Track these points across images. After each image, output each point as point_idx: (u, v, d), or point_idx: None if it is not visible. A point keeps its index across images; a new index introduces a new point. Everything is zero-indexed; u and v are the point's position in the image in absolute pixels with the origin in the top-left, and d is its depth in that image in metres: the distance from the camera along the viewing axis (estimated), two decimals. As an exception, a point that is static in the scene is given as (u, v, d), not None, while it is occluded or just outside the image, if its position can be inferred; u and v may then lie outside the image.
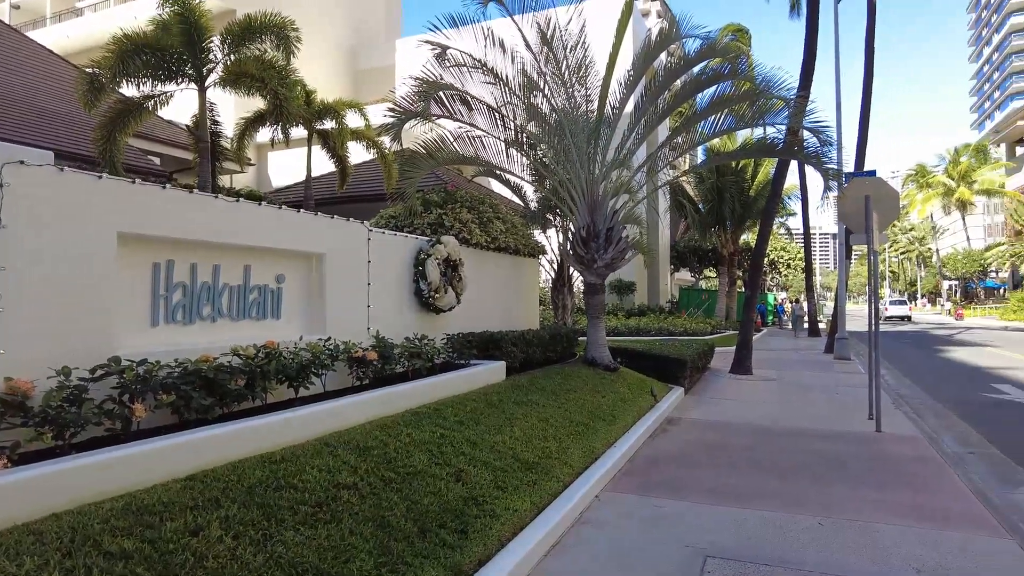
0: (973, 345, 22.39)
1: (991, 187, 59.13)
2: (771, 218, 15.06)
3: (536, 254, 11.59)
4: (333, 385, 5.37)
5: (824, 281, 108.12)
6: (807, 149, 10.56)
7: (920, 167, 66.51)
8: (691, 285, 41.75)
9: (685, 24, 10.44)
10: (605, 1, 20.99)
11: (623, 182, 10.87)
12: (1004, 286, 60.34)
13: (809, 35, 14.59)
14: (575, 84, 9.96)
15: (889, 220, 9.26)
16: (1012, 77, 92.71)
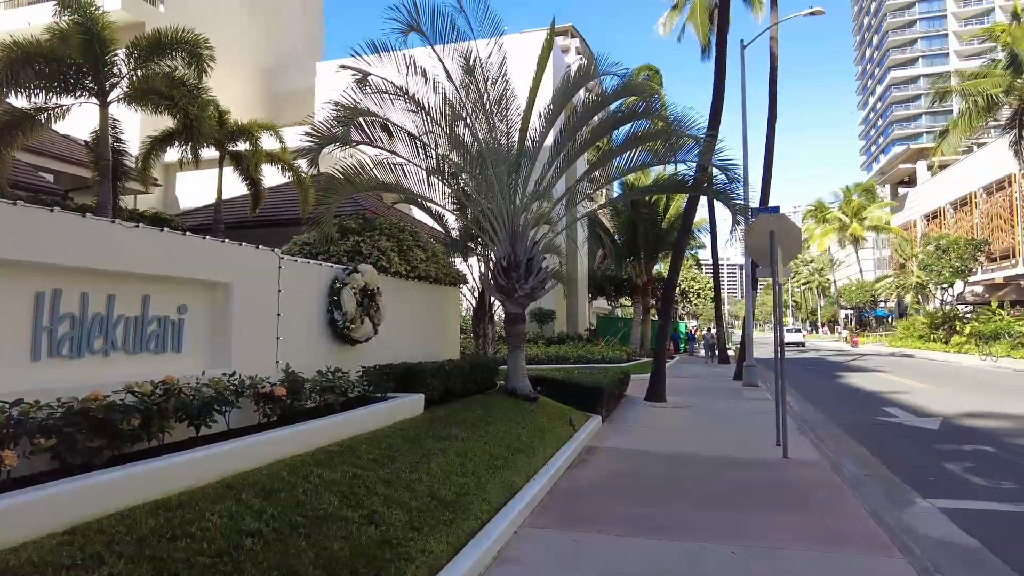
0: (866, 371, 23.95)
1: (879, 224, 64.20)
2: (682, 250, 15.66)
3: (457, 283, 11.53)
4: (239, 423, 5.07)
5: (731, 310, 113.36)
6: (717, 186, 11.08)
7: (819, 203, 71.41)
8: (608, 313, 42.77)
9: (603, 62, 10.81)
10: (526, 36, 21.49)
11: (543, 213, 11.03)
12: (892, 315, 65.24)
13: (717, 78, 15.44)
14: (497, 116, 10.07)
15: (792, 254, 9.81)
16: (893, 125, 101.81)
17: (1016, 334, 30.45)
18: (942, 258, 39.32)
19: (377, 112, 9.12)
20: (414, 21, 9.02)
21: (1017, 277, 41.26)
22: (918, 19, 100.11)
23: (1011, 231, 43.07)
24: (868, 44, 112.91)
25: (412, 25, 9.06)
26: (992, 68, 30.79)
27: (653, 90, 15.27)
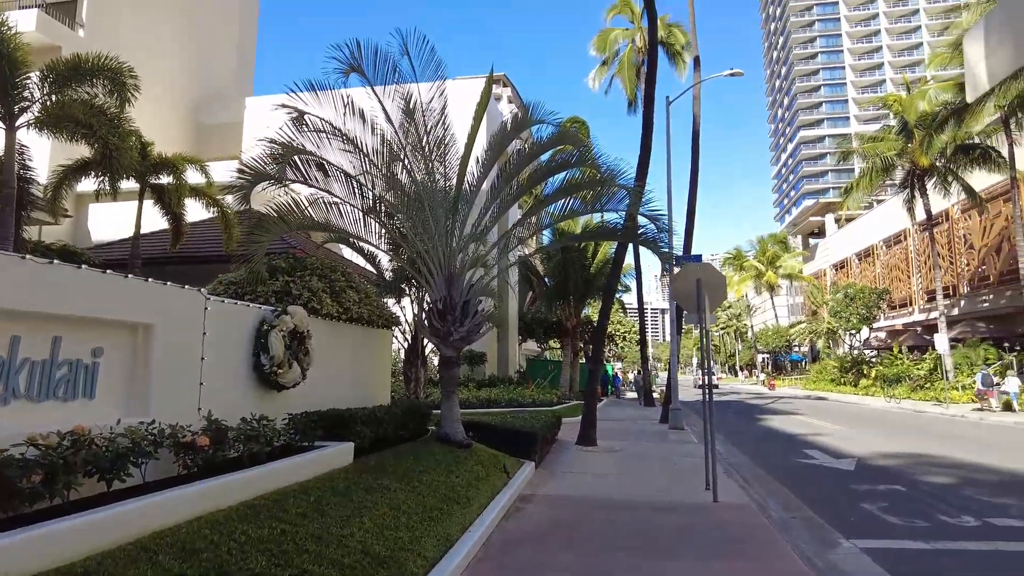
0: (785, 413, 24.93)
1: (792, 272, 67.93)
2: (612, 295, 16.01)
3: (390, 325, 11.31)
4: (157, 475, 4.70)
5: (654, 352, 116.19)
6: (646, 234, 11.42)
7: (737, 252, 74.97)
8: (537, 355, 42.94)
9: (538, 110, 11.06)
10: (461, 82, 21.85)
11: (480, 256, 11.04)
12: (805, 359, 68.57)
13: (645, 132, 16.08)
14: (436, 159, 10.10)
15: (718, 302, 10.17)
16: (803, 180, 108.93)
17: (915, 377, 32.58)
18: (849, 305, 41.86)
19: (313, 151, 8.97)
20: (356, 62, 9.00)
21: (914, 324, 44.36)
22: (823, 85, 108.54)
23: (908, 281, 46.46)
24: (779, 105, 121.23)
25: (354, 66, 9.03)
26: (887, 133, 33.61)
27: (584, 140, 15.78)
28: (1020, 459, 12.14)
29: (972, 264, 38.84)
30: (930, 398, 29.10)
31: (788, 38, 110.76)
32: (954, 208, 38.77)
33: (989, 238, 36.98)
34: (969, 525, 7.18)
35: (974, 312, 37.94)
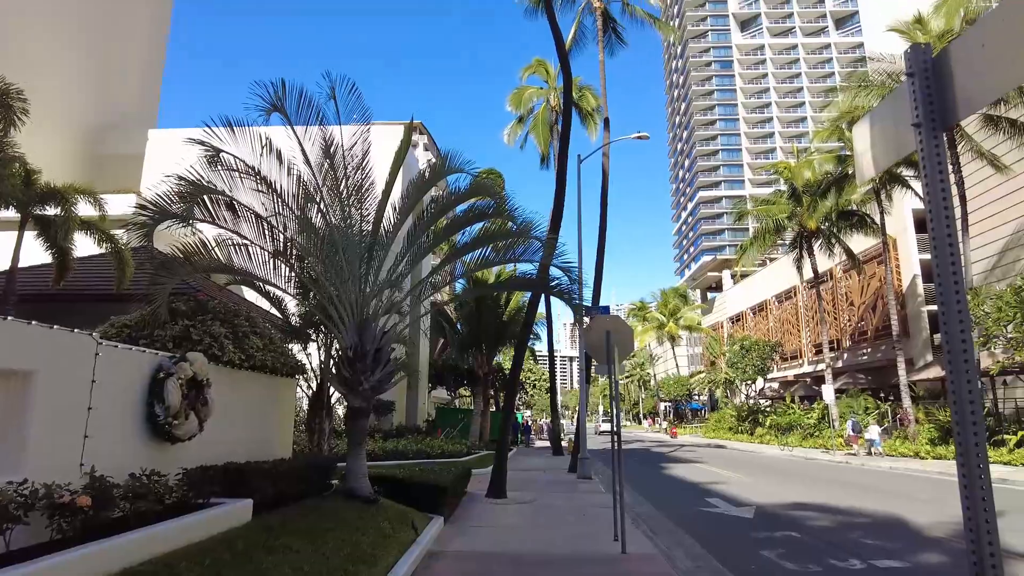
0: (687, 462, 25.67)
1: (692, 324, 71.12)
2: (525, 344, 16.14)
3: (295, 373, 10.86)
4: (26, 542, 4.21)
5: (563, 400, 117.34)
6: (559, 285, 11.67)
7: (641, 303, 77.77)
8: (447, 404, 42.37)
9: (456, 160, 11.21)
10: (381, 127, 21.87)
11: (394, 302, 10.89)
12: (705, 407, 71.34)
13: (559, 187, 16.61)
14: (352, 203, 9.99)
15: (626, 352, 10.47)
16: (702, 237, 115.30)
17: (805, 425, 34.56)
18: (745, 357, 44.15)
19: (225, 190, 8.64)
20: (279, 102, 8.84)
21: (804, 375, 47.30)
22: (720, 150, 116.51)
23: (798, 334, 49.70)
24: (681, 166, 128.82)
25: (276, 106, 8.86)
26: (778, 197, 36.33)
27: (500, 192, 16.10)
28: (893, 502, 13.06)
29: (853, 320, 42.16)
30: (819, 445, 30.92)
31: (690, 105, 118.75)
32: (837, 268, 42.15)
33: (866, 296, 40.39)
34: (856, 568, 7.60)
35: (855, 364, 41.00)
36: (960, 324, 2.06)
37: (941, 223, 1.96)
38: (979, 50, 1.86)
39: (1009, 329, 20.39)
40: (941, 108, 2.02)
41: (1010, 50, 1.74)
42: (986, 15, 1.86)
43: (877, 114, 2.38)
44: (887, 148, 2.28)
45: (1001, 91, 1.86)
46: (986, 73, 1.85)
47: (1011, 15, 1.74)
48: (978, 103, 1.92)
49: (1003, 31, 1.78)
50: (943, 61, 2.03)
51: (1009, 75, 1.76)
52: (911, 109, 2.08)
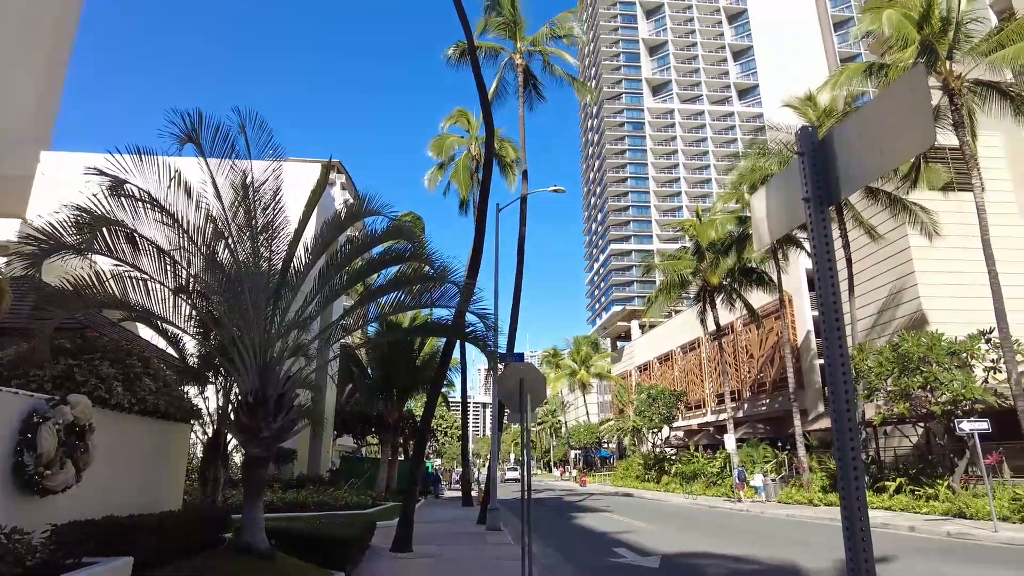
0: (595, 511, 25.80)
1: (602, 372, 72.62)
2: (438, 390, 15.94)
3: (190, 419, 10.21)
4: None
5: (474, 448, 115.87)
6: (475, 332, 11.66)
7: (554, 350, 78.82)
8: (353, 452, 40.87)
9: (374, 202, 11.12)
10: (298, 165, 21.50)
11: (301, 345, 10.50)
12: (613, 455, 72.33)
13: (477, 235, 16.80)
14: (263, 241, 9.66)
15: (539, 401, 10.54)
16: (613, 287, 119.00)
17: (709, 474, 35.66)
18: (652, 405, 45.35)
19: (126, 221, 8.16)
20: (194, 133, 8.51)
21: (707, 424, 49.03)
22: (631, 205, 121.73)
23: (701, 384, 51.68)
24: (594, 219, 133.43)
25: (191, 136, 8.52)
26: (684, 253, 38.20)
27: (418, 235, 16.06)
28: (788, 548, 13.61)
29: (753, 371, 44.36)
30: (721, 494, 31.92)
31: (603, 162, 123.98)
32: (738, 321, 44.45)
33: (765, 349, 42.71)
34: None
35: (755, 414, 42.97)
36: (844, 384, 2.22)
37: (827, 289, 2.13)
38: (857, 138, 2.08)
39: (888, 383, 22.03)
40: (826, 186, 2.23)
41: (880, 141, 1.96)
42: (862, 108, 2.09)
43: (772, 187, 2.60)
44: (781, 219, 2.49)
45: (873, 176, 2.08)
46: (862, 159, 2.07)
47: (881, 111, 1.97)
48: (856, 185, 2.13)
49: (875, 124, 2.00)
50: (828, 144, 2.26)
51: (880, 163, 1.98)
52: (801, 185, 2.29)
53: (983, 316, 21.53)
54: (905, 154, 1.96)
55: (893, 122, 1.95)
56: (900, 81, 1.93)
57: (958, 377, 20.28)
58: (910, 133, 1.89)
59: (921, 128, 1.87)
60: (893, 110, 1.96)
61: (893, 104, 1.97)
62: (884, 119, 2.00)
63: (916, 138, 1.88)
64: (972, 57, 20.43)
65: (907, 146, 1.93)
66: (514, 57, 25.54)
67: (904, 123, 1.91)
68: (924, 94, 1.89)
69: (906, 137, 1.91)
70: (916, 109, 1.87)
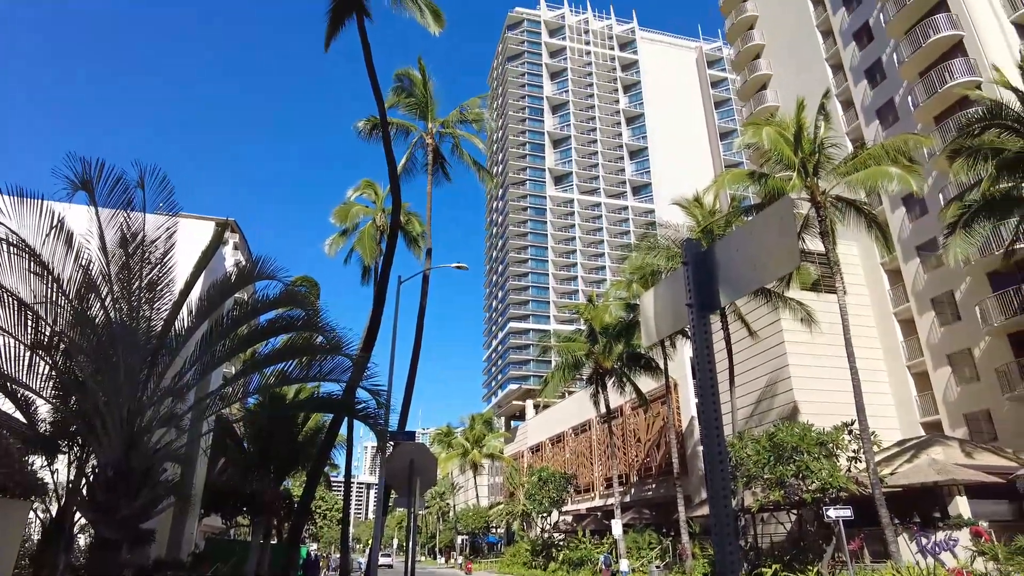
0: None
1: (495, 452, 71.61)
2: (321, 469, 15.15)
3: (31, 494, 9.07)
4: None
5: (355, 532, 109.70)
6: (366, 409, 11.31)
7: (447, 428, 77.25)
8: (221, 533, 37.43)
9: (267, 266, 10.76)
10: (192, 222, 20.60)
11: (174, 415, 9.73)
12: (501, 541, 70.43)
13: (376, 306, 16.61)
14: (146, 300, 9.07)
15: (429, 484, 10.25)
16: (510, 366, 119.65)
17: (596, 561, 35.43)
18: (543, 488, 45.00)
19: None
20: (89, 181, 8.01)
21: (595, 508, 49.12)
22: (531, 286, 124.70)
23: (591, 468, 52.07)
24: (495, 296, 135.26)
25: (85, 183, 8.01)
26: (579, 336, 39.30)
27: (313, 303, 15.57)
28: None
29: (640, 456, 45.32)
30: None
31: (506, 242, 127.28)
32: (627, 405, 45.65)
33: (652, 434, 43.93)
34: None
35: (642, 499, 43.58)
36: (721, 475, 2.35)
37: (707, 390, 2.30)
38: (735, 254, 2.32)
39: (765, 471, 23.18)
40: (708, 295, 2.45)
41: (754, 259, 2.20)
42: (739, 228, 2.35)
43: (661, 288, 2.81)
44: (667, 320, 2.68)
45: (748, 289, 2.31)
46: (739, 273, 2.30)
47: (755, 232, 2.22)
48: (734, 295, 2.35)
49: (749, 243, 2.25)
50: (710, 257, 2.50)
51: (754, 278, 2.21)
52: (686, 291, 2.49)
53: (847, 408, 23.38)
54: (775, 273, 2.21)
55: (765, 244, 2.20)
56: (771, 209, 2.20)
57: (826, 466, 21.69)
58: (779, 255, 2.14)
59: (788, 252, 2.13)
60: (765, 233, 2.22)
61: (765, 228, 2.23)
62: (757, 240, 2.25)
63: (784, 260, 2.13)
64: (835, 176, 23.11)
65: (776, 266, 2.19)
66: (424, 136, 26.21)
67: (774, 246, 2.16)
68: (790, 222, 2.16)
69: (776, 258, 2.16)
70: (784, 234, 2.14)
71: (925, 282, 32.17)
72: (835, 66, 40.50)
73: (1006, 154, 20.43)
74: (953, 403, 30.13)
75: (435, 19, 19.65)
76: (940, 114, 31.49)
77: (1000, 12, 31.28)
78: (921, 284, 32.39)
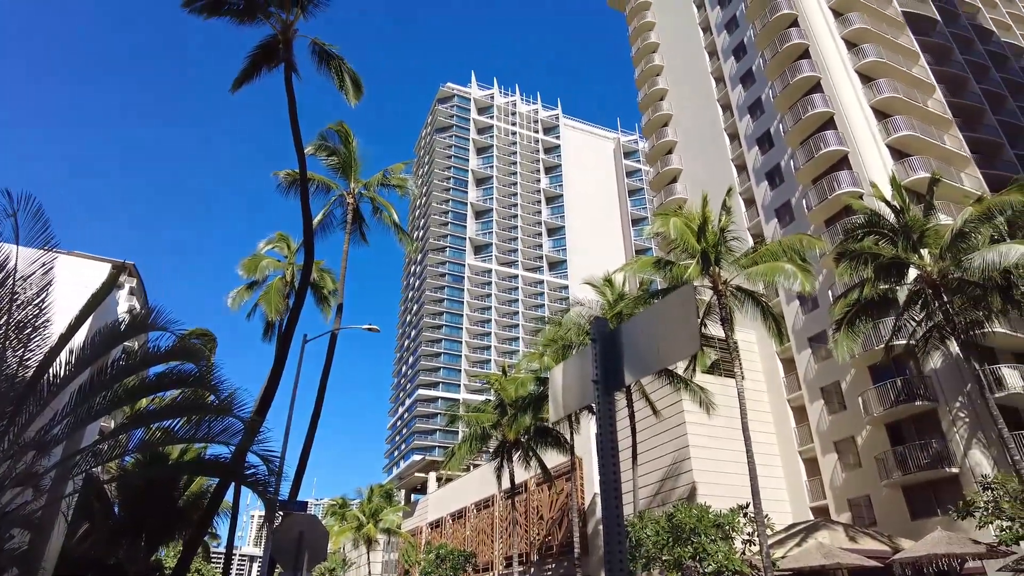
0: None
1: (392, 526, 68.26)
2: (201, 538, 13.90)
3: None
4: None
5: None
6: (256, 475, 10.58)
7: (342, 500, 73.24)
8: (75, 610, 33.24)
9: (161, 317, 10.15)
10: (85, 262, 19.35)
11: (35, 473, 8.74)
12: (391, 623, 66.32)
13: (276, 365, 15.86)
14: (15, 343, 8.26)
15: (319, 559, 9.59)
16: (415, 435, 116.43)
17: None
18: (440, 567, 43.13)
19: None
20: None
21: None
22: (443, 353, 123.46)
23: (491, 545, 50.55)
24: (405, 362, 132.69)
25: None
26: (488, 407, 38.90)
27: (207, 357, 14.70)
28: None
29: (542, 533, 44.50)
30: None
31: (421, 307, 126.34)
32: (532, 480, 45.10)
33: (555, 511, 43.39)
34: None
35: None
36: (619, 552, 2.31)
37: (608, 467, 2.29)
38: (639, 336, 2.39)
39: (664, 552, 23.25)
40: (614, 372, 2.49)
41: (657, 341, 2.27)
42: (643, 312, 2.44)
43: (571, 364, 2.84)
44: (575, 394, 2.70)
45: (652, 370, 2.37)
46: (643, 355, 2.36)
47: (659, 316, 2.31)
48: (638, 375, 2.40)
49: (653, 327, 2.33)
50: (617, 336, 2.56)
51: (657, 360, 2.27)
52: (592, 368, 2.52)
53: (743, 491, 24.06)
54: (676, 356, 2.30)
55: (667, 327, 2.28)
56: (674, 295, 2.31)
57: (722, 548, 22.03)
58: (681, 339, 2.22)
59: (689, 336, 2.21)
60: (668, 317, 2.31)
61: (668, 313, 2.32)
62: (661, 323, 2.34)
63: (685, 344, 2.22)
64: (736, 267, 24.62)
65: (678, 349, 2.27)
66: (346, 196, 26.01)
67: (676, 330, 2.25)
68: (692, 308, 2.26)
69: (678, 341, 2.24)
70: (686, 320, 2.23)
71: (815, 372, 34.30)
72: (739, 166, 43.94)
73: (881, 259, 22.54)
74: (839, 488, 31.68)
75: (355, 89, 19.90)
76: (830, 218, 34.56)
77: (877, 135, 35.21)
78: (812, 374, 34.49)
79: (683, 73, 52.06)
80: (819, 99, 36.86)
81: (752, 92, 43.37)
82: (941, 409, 27.84)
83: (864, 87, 36.99)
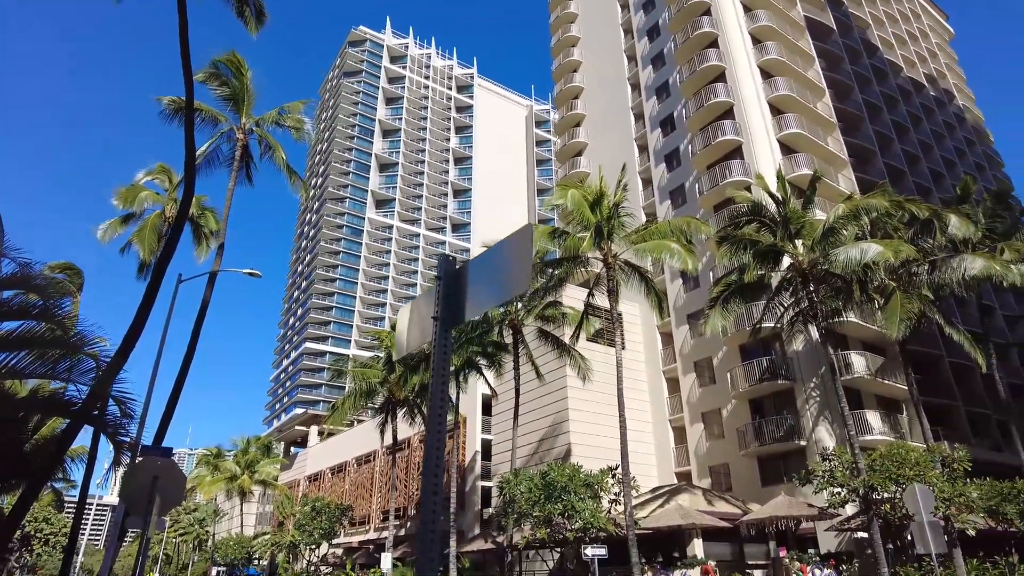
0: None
1: (268, 478, 66.56)
2: (41, 485, 12.88)
3: None
4: None
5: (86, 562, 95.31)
6: (108, 417, 9.89)
7: (217, 450, 70.39)
8: None
9: (6, 244, 9.18)
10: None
11: None
12: (263, 573, 65.16)
13: (144, 304, 14.73)
14: None
15: (173, 504, 9.15)
16: (299, 389, 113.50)
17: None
18: (316, 519, 42.67)
19: None
20: None
21: (368, 542, 47.58)
22: (335, 307, 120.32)
23: (370, 500, 50.55)
24: (293, 313, 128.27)
25: None
26: (376, 363, 38.43)
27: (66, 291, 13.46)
28: None
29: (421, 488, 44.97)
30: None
31: (315, 258, 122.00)
32: (415, 437, 45.32)
33: (435, 469, 43.88)
34: None
35: (416, 533, 43.07)
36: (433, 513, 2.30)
37: (437, 403, 2.26)
38: (481, 273, 2.35)
39: (535, 509, 24.15)
40: (454, 310, 2.44)
41: (497, 278, 2.25)
42: (485, 252, 2.42)
43: (417, 303, 2.77)
44: (417, 333, 2.64)
45: (489, 306, 2.36)
46: (484, 291, 2.34)
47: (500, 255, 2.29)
48: (476, 311, 2.38)
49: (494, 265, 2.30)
50: (462, 275, 2.52)
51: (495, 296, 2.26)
52: (434, 306, 2.47)
53: (614, 454, 25.31)
54: (511, 292, 2.29)
55: (506, 266, 2.26)
56: (513, 235, 2.31)
57: (590, 507, 23.17)
58: (516, 277, 2.21)
59: (523, 275, 2.21)
60: (507, 257, 2.28)
61: (508, 252, 2.30)
62: (501, 262, 2.31)
63: (520, 282, 2.20)
64: (626, 242, 25.43)
65: (513, 286, 2.25)
66: (235, 130, 24.36)
67: (513, 268, 2.23)
68: (528, 249, 2.26)
69: (513, 280, 2.22)
70: (522, 260, 2.22)
71: (691, 347, 36.41)
72: (642, 147, 45.20)
73: (760, 246, 24.04)
74: (703, 456, 34.11)
75: (257, 17, 18.44)
76: (719, 204, 36.39)
77: (770, 129, 37.25)
78: (688, 348, 36.59)
79: (598, 47, 52.52)
80: (722, 88, 38.39)
81: (661, 74, 44.50)
82: (798, 388, 30.46)
83: (764, 82, 38.88)
